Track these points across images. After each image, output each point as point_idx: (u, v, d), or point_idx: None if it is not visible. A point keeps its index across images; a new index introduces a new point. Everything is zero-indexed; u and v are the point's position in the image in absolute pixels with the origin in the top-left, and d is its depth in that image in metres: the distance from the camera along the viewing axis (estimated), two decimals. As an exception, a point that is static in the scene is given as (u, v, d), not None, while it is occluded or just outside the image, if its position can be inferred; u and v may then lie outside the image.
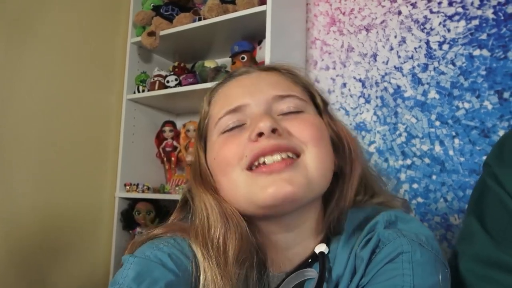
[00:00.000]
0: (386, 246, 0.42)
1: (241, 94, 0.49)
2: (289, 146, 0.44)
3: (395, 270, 0.40)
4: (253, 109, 0.47)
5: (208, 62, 1.44)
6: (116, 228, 1.42)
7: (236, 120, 0.48)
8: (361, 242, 0.44)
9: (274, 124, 0.44)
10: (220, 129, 0.49)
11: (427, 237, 0.44)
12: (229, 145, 0.47)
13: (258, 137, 0.44)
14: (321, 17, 1.40)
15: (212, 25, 1.31)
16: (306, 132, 0.46)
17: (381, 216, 0.46)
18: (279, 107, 0.48)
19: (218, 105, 0.51)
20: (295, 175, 0.43)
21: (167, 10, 1.46)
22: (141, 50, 1.55)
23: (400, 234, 0.43)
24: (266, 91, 0.48)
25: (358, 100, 1.27)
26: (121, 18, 1.55)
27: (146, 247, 0.45)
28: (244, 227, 0.45)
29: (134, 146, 1.51)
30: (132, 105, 1.51)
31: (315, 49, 1.39)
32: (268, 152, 0.43)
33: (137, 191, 1.42)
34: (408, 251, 0.41)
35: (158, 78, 1.45)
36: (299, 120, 0.47)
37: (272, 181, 0.42)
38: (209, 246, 0.44)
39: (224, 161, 0.46)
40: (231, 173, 0.45)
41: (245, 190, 0.44)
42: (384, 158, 1.20)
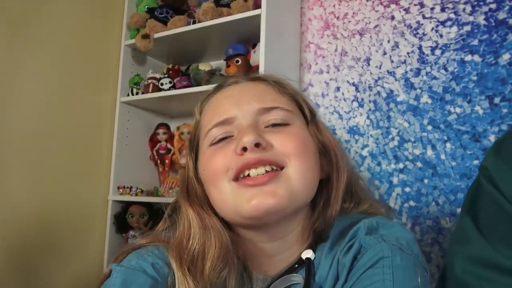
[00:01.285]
0: (367, 251, 0.43)
1: (228, 106, 0.51)
2: (272, 160, 0.46)
3: (376, 275, 0.41)
4: (240, 121, 0.49)
5: (202, 65, 1.44)
6: (109, 231, 1.41)
7: (224, 132, 0.50)
8: (343, 249, 0.45)
9: (257, 139, 0.46)
10: (209, 141, 0.51)
11: (407, 240, 0.44)
12: (216, 157, 0.49)
13: (243, 151, 0.46)
14: (315, 21, 1.41)
15: (206, 28, 1.32)
16: (289, 145, 0.47)
17: (363, 223, 0.47)
18: (266, 119, 0.50)
19: (208, 116, 0.54)
20: (278, 187, 0.44)
21: (161, 12, 1.45)
22: (135, 52, 1.54)
23: (381, 239, 0.44)
24: (252, 103, 0.50)
25: (351, 104, 1.28)
26: (115, 20, 1.54)
27: (132, 256, 0.48)
28: (224, 237, 0.48)
29: (127, 149, 1.50)
30: (125, 107, 1.50)
31: (309, 53, 1.40)
32: (252, 165, 0.45)
33: (130, 194, 1.42)
34: (388, 256, 0.41)
35: (152, 81, 1.45)
36: (284, 133, 0.48)
37: (255, 193, 0.44)
38: (185, 257, 0.46)
39: (212, 173, 0.48)
40: (219, 185, 0.48)
41: (232, 201, 0.47)
42: (377, 161, 1.21)
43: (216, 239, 0.47)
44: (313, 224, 0.50)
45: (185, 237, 0.49)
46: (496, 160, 0.44)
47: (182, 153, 1.52)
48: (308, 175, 0.47)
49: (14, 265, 1.16)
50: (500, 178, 0.42)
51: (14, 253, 1.17)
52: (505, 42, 1.07)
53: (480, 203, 0.45)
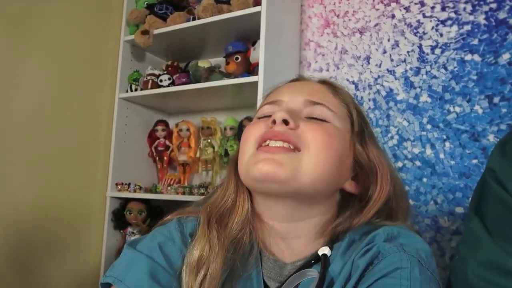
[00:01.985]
0: (386, 258, 0.42)
1: (285, 92, 0.56)
2: (292, 139, 0.49)
3: (392, 285, 0.40)
4: (285, 105, 0.54)
5: (201, 62, 1.43)
6: (107, 228, 1.41)
7: (270, 110, 0.55)
8: (360, 251, 0.45)
9: (286, 117, 0.49)
10: (258, 115, 0.57)
11: (426, 254, 0.44)
12: (253, 127, 0.54)
13: (273, 124, 0.51)
14: (315, 19, 1.40)
15: (206, 25, 1.31)
16: (315, 135, 0.49)
17: (382, 230, 0.47)
18: (308, 111, 0.53)
19: (269, 97, 0.59)
20: (286, 161, 0.47)
21: (161, 8, 1.45)
22: (134, 48, 1.54)
23: (401, 249, 0.43)
24: (303, 94, 0.54)
25: (351, 102, 1.28)
26: (114, 16, 1.53)
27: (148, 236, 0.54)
28: (247, 204, 0.54)
29: (126, 145, 1.50)
30: (124, 104, 1.50)
31: (309, 51, 1.40)
32: (272, 137, 0.49)
33: (128, 191, 1.42)
34: (407, 267, 0.41)
35: (151, 77, 1.44)
36: (316, 125, 0.51)
37: (264, 158, 0.48)
38: (215, 211, 0.53)
39: (245, 137, 0.54)
40: (245, 148, 0.53)
41: (247, 162, 0.51)
42: (376, 160, 1.21)
43: (242, 205, 0.53)
44: (335, 224, 0.51)
45: (221, 195, 0.55)
46: (501, 161, 0.44)
47: (180, 150, 1.51)
48: (323, 166, 0.48)
49: (12, 262, 1.16)
50: (508, 179, 0.42)
51: (12, 249, 1.16)
52: (505, 41, 1.07)
53: (487, 204, 0.44)
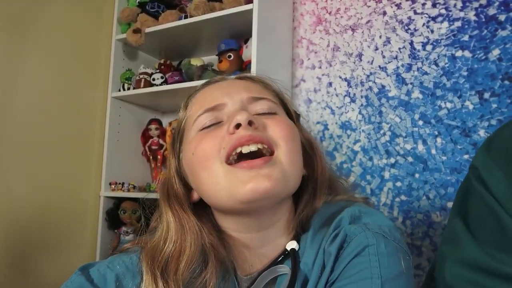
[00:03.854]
0: (353, 240, 0.44)
1: (219, 95, 0.52)
2: (264, 139, 0.47)
3: (363, 263, 0.42)
4: (230, 108, 0.51)
5: (194, 60, 1.43)
6: (101, 228, 1.41)
7: (213, 118, 0.51)
8: (328, 238, 0.47)
9: (250, 117, 0.47)
10: (198, 126, 0.51)
11: (389, 228, 0.46)
12: (207, 138, 0.49)
13: (236, 129, 0.47)
14: (308, 16, 1.41)
15: (198, 23, 1.31)
16: (279, 129, 0.49)
17: (346, 212, 0.49)
18: (254, 108, 0.51)
19: (196, 106, 0.54)
20: (273, 171, 0.45)
21: (152, 7, 1.44)
22: (126, 47, 1.53)
23: (365, 228, 0.45)
24: (241, 92, 0.52)
25: (343, 99, 1.29)
26: (106, 14, 1.52)
27: (108, 261, 0.50)
28: (201, 238, 0.49)
29: (119, 144, 1.49)
30: (117, 103, 1.49)
31: (302, 48, 1.40)
32: (245, 142, 0.46)
33: (122, 190, 1.41)
34: (373, 243, 0.43)
35: (144, 76, 1.44)
36: (273, 119, 0.50)
37: (252, 176, 0.44)
38: (159, 259, 0.47)
39: (203, 154, 0.48)
40: (211, 166, 0.47)
41: (225, 184, 0.46)
42: (368, 156, 1.21)
43: (192, 240, 0.48)
44: (298, 215, 0.52)
45: (162, 239, 0.50)
46: (486, 160, 0.43)
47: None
48: (295, 161, 0.49)
49: (5, 261, 1.15)
50: (490, 178, 0.41)
51: (4, 249, 1.16)
52: (495, 38, 1.08)
53: (470, 203, 0.44)
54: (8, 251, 1.16)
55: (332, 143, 1.28)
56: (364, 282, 0.40)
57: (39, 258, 1.25)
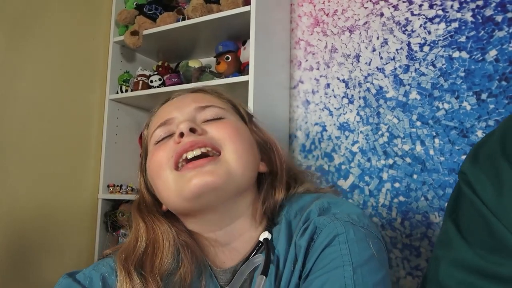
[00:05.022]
0: (322, 231, 0.46)
1: (170, 110, 0.57)
2: (207, 142, 0.51)
3: (334, 252, 0.43)
4: (179, 120, 0.55)
5: (192, 62, 1.43)
6: (99, 230, 1.40)
7: (166, 131, 0.55)
8: (299, 232, 0.48)
9: (191, 125, 0.52)
10: (154, 141, 0.56)
11: (358, 215, 0.48)
12: (159, 151, 0.53)
13: (180, 138, 0.51)
14: (305, 18, 1.41)
15: (196, 25, 1.31)
16: (223, 131, 0.53)
17: (314, 205, 0.50)
18: (202, 116, 0.55)
19: (153, 123, 0.59)
20: (216, 167, 0.49)
21: (150, 9, 1.44)
22: (124, 49, 1.53)
23: (334, 218, 0.47)
24: (190, 104, 0.56)
25: (341, 100, 1.29)
26: (103, 16, 1.52)
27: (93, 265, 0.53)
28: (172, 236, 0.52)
29: (117, 147, 1.49)
30: (115, 105, 1.49)
31: (299, 50, 1.40)
32: (189, 148, 0.50)
33: (120, 192, 1.41)
34: (342, 232, 0.44)
35: (142, 78, 1.44)
36: (218, 123, 0.54)
37: (195, 174, 0.48)
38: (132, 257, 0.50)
39: (156, 164, 0.52)
40: (162, 174, 0.51)
41: (174, 187, 0.50)
42: (367, 157, 1.22)
43: (165, 238, 0.51)
44: (262, 207, 0.54)
45: (134, 239, 0.53)
46: (473, 168, 0.45)
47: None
48: (244, 156, 0.51)
49: (3, 263, 1.15)
50: (478, 186, 0.43)
51: (4, 250, 1.15)
52: (491, 38, 1.09)
53: (460, 206, 0.45)
54: (6, 253, 1.16)
55: (330, 144, 1.28)
56: (336, 271, 0.41)
57: (37, 260, 1.25)
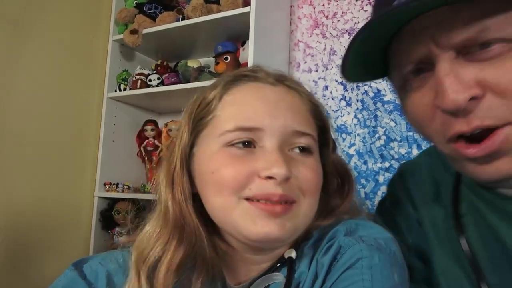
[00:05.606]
0: (346, 252, 0.43)
1: (260, 114, 0.45)
2: (290, 197, 0.44)
3: (355, 276, 0.41)
4: (268, 137, 0.45)
5: (191, 62, 1.43)
6: (94, 228, 1.40)
7: (245, 137, 0.45)
8: (322, 249, 0.46)
9: (288, 174, 0.43)
10: (225, 141, 0.45)
11: (385, 240, 0.45)
12: (235, 168, 0.44)
13: (267, 179, 0.43)
14: (305, 20, 1.41)
15: (195, 24, 1.31)
16: (309, 182, 0.46)
17: (342, 225, 0.47)
18: (294, 141, 0.46)
19: (231, 109, 0.47)
20: (287, 221, 0.44)
21: (150, 8, 1.44)
22: (123, 47, 1.53)
23: (360, 240, 0.44)
24: (286, 118, 0.46)
25: (339, 102, 1.29)
26: (103, 14, 1.52)
27: (101, 257, 0.50)
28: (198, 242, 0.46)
29: (114, 145, 1.49)
30: (113, 103, 1.49)
31: (298, 51, 1.41)
32: (274, 201, 0.43)
33: (116, 191, 1.41)
34: (367, 256, 0.42)
35: (140, 77, 1.44)
36: (307, 166, 0.46)
37: (267, 222, 0.43)
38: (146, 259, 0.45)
39: (225, 182, 0.44)
40: (227, 197, 0.44)
41: (236, 217, 0.44)
42: (363, 160, 1.22)
43: (187, 246, 0.45)
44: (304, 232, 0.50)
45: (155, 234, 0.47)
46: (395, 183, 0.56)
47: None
48: (311, 213, 0.47)
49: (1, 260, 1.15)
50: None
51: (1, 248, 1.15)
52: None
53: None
54: (3, 250, 1.16)
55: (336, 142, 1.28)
56: None
57: (33, 257, 1.24)
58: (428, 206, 0.51)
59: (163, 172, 0.49)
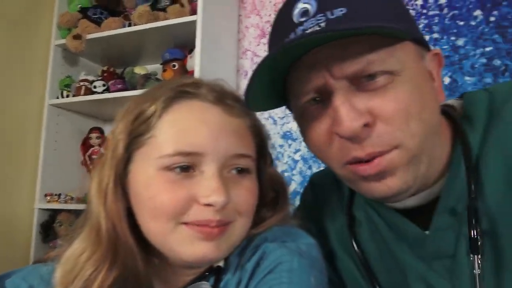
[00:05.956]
0: (268, 257, 0.45)
1: (202, 139, 0.44)
2: (227, 221, 0.45)
3: (274, 279, 0.43)
4: (208, 162, 0.44)
5: (138, 69, 1.42)
6: (34, 241, 1.33)
7: (185, 162, 0.43)
8: (247, 256, 0.48)
9: (226, 201, 0.43)
10: (163, 165, 0.43)
11: (308, 246, 0.47)
12: (173, 194, 0.43)
13: (205, 207, 0.43)
14: (252, 29, 1.45)
15: (142, 31, 1.30)
16: (246, 205, 0.46)
17: (268, 232, 0.49)
18: (233, 162, 0.46)
19: (170, 133, 0.45)
20: (222, 242, 0.45)
21: (95, 13, 1.41)
22: (66, 53, 1.48)
23: (282, 245, 0.46)
24: (227, 142, 0.45)
25: (285, 110, 1.33)
26: (45, 18, 1.47)
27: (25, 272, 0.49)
28: (132, 261, 0.45)
29: (56, 154, 1.43)
30: (55, 110, 1.43)
31: (246, 60, 1.44)
32: (212, 225, 0.43)
33: (58, 202, 1.35)
34: (287, 260, 0.44)
35: (84, 83, 1.40)
36: (244, 187, 0.46)
37: (204, 245, 0.43)
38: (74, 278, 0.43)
39: (162, 208, 0.43)
40: (164, 223, 0.43)
41: (173, 242, 0.44)
42: (308, 165, 1.26)
43: (120, 263, 0.43)
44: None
45: (85, 254, 0.44)
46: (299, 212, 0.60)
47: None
48: (246, 230, 0.48)
49: None
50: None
51: None
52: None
53: None
54: None
55: (274, 152, 1.31)
56: None
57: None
58: (332, 214, 0.56)
59: (95, 186, 0.46)
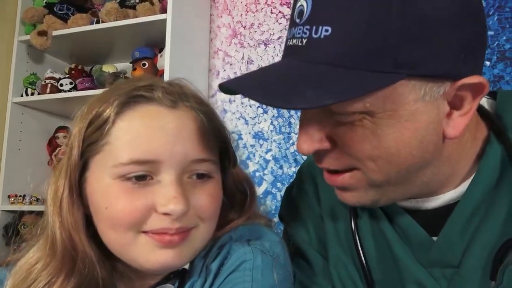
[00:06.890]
0: (232, 256, 0.46)
1: (158, 146, 0.42)
2: (188, 227, 0.44)
3: (237, 278, 0.44)
4: (166, 169, 0.42)
5: (106, 67, 1.39)
6: (-3, 245, 1.28)
7: (141, 171, 0.42)
8: (212, 256, 0.48)
9: (185, 209, 0.41)
10: (119, 173, 0.42)
11: (271, 243, 0.48)
12: (130, 203, 0.41)
13: (163, 216, 0.42)
14: (224, 29, 1.45)
15: (111, 29, 1.28)
16: (207, 210, 0.45)
17: (233, 231, 0.50)
18: (192, 168, 0.44)
19: (124, 140, 0.43)
20: (184, 248, 0.44)
21: (61, 9, 1.37)
22: (30, 49, 1.43)
23: (246, 244, 0.47)
24: (186, 148, 0.43)
25: (257, 110, 1.34)
26: (8, 12, 1.41)
27: None
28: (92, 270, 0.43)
29: (20, 154, 1.38)
30: (19, 108, 1.38)
31: (218, 59, 1.43)
32: (171, 233, 0.42)
33: (23, 203, 1.31)
34: (250, 259, 0.45)
35: (50, 81, 1.36)
36: (205, 192, 0.45)
37: (164, 252, 0.43)
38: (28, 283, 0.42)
39: (120, 218, 0.42)
40: (122, 233, 0.42)
41: (134, 251, 0.43)
42: (279, 165, 1.28)
43: (77, 275, 0.42)
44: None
45: (39, 265, 0.43)
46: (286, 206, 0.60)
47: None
48: (210, 234, 0.47)
49: None
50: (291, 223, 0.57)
51: None
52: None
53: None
54: None
55: (245, 152, 1.32)
56: None
57: None
58: (331, 203, 0.54)
59: (51, 195, 0.45)
